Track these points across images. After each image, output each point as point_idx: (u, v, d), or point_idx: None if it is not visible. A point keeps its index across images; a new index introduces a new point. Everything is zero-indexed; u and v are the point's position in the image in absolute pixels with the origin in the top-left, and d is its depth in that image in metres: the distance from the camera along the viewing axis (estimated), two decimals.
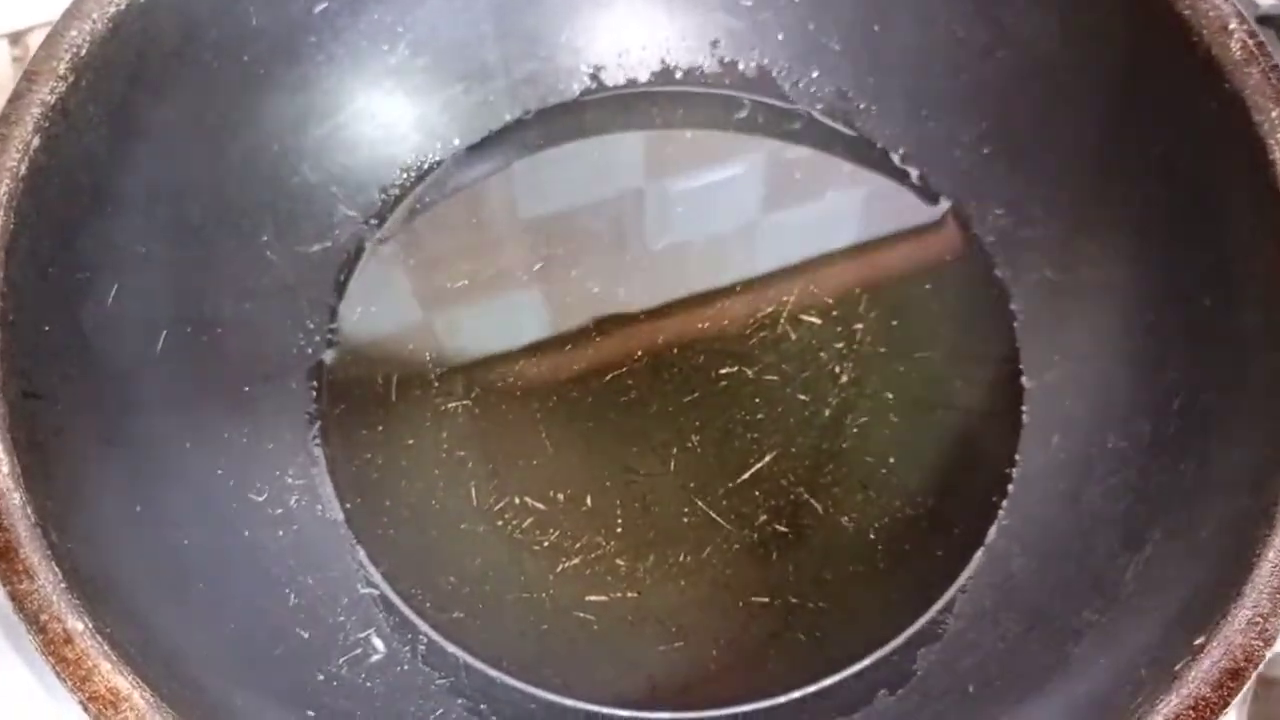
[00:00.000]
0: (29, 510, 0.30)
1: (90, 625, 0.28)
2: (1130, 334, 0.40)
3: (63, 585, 0.29)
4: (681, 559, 0.41)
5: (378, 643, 0.38)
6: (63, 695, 0.28)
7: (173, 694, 0.28)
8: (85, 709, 0.27)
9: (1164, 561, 0.34)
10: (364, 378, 0.44)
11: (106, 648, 0.28)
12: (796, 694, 0.38)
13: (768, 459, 0.42)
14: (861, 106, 0.48)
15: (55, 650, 0.28)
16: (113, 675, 0.28)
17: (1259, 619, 0.28)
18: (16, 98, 0.34)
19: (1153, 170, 0.39)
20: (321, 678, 0.36)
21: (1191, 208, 0.38)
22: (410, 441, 0.43)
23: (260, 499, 0.40)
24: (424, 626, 0.39)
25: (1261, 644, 0.28)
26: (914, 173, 0.47)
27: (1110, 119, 0.41)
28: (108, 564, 0.32)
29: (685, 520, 0.41)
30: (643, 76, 0.49)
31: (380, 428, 0.43)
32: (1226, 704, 0.28)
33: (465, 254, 0.47)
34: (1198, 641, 0.29)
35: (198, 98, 0.39)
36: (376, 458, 0.42)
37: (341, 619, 0.38)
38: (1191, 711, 0.28)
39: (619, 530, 0.41)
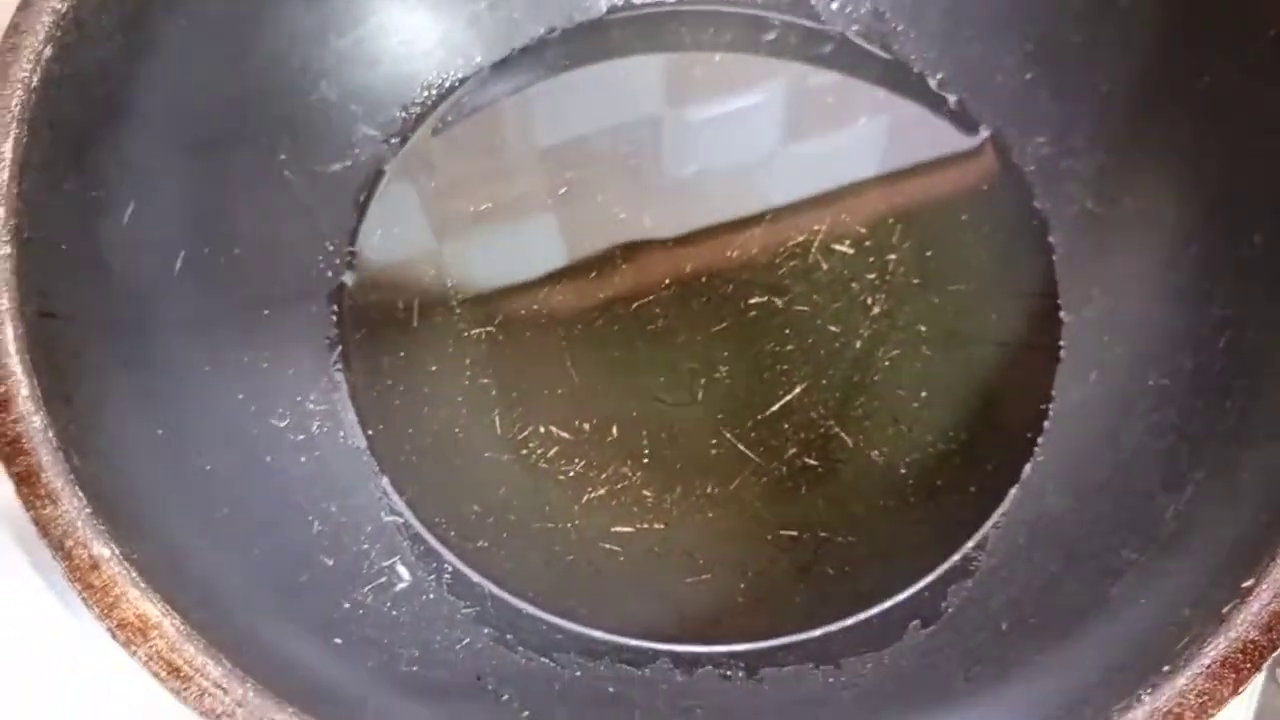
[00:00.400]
0: (50, 434, 0.29)
1: (117, 551, 0.28)
2: (1175, 268, 0.39)
3: (87, 510, 0.28)
4: (709, 491, 0.40)
5: (402, 571, 0.38)
6: (89, 622, 0.27)
7: (202, 621, 0.28)
8: (114, 636, 0.27)
9: (1207, 501, 0.33)
10: (385, 302, 0.43)
11: (134, 574, 0.28)
12: (825, 629, 0.38)
13: (797, 391, 0.41)
14: (898, 28, 0.46)
15: (82, 576, 0.27)
16: (141, 602, 0.27)
17: None
18: (26, 5, 0.33)
19: (1204, 100, 0.38)
20: (347, 605, 0.35)
21: (1243, 140, 0.37)
22: (433, 368, 0.42)
23: (282, 425, 0.39)
24: (448, 555, 0.39)
25: None
26: (952, 99, 0.45)
27: (1161, 44, 0.39)
28: (131, 489, 0.31)
29: (713, 452, 0.41)
30: None
31: (402, 354, 0.42)
32: (1276, 647, 0.27)
33: (487, 177, 0.45)
34: (1246, 584, 0.28)
35: (212, 8, 0.38)
36: (398, 384, 0.41)
37: (365, 547, 0.38)
38: (1240, 655, 0.27)
39: (645, 461, 0.41)
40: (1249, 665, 0.27)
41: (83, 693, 0.37)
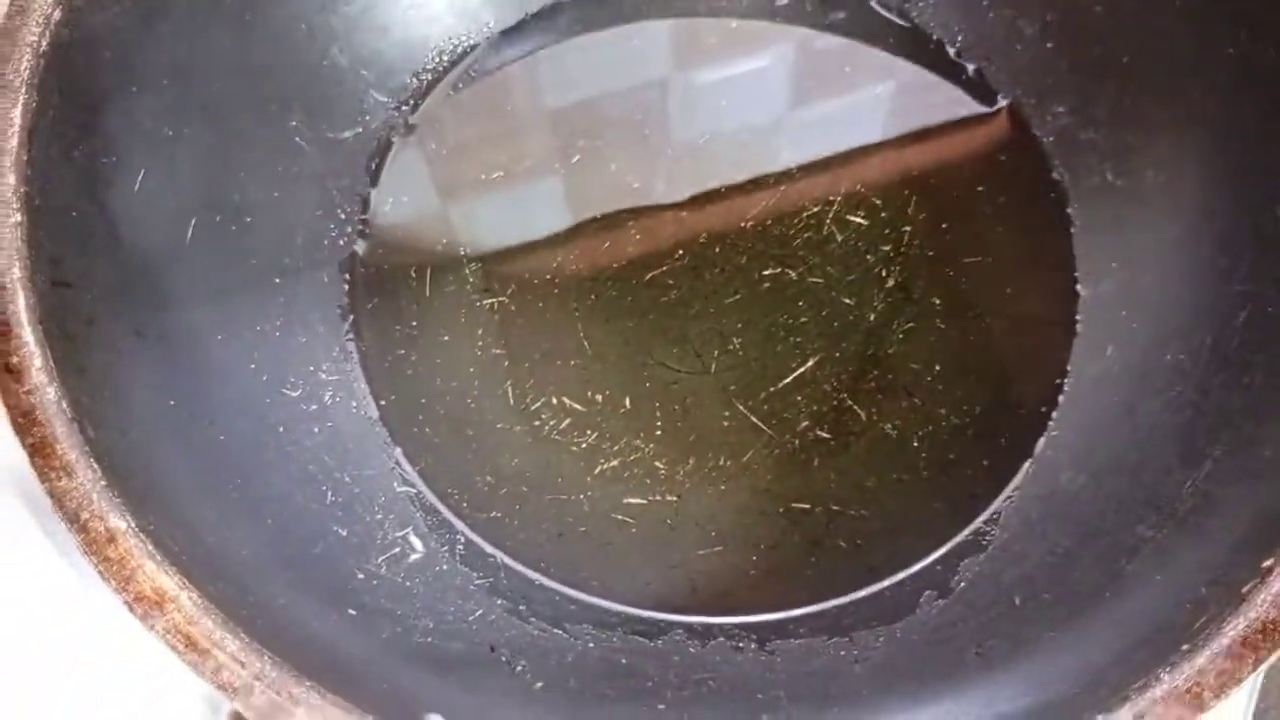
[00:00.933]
0: (64, 404, 0.29)
1: (133, 523, 0.28)
2: (1195, 243, 0.38)
3: (102, 482, 0.28)
4: (722, 463, 0.40)
5: (416, 542, 0.38)
6: (104, 592, 0.27)
7: (218, 594, 0.28)
8: (131, 610, 0.27)
9: (1224, 479, 0.33)
10: (397, 271, 0.42)
11: (150, 546, 0.28)
12: (837, 601, 0.38)
13: (811, 363, 0.41)
14: None
15: (98, 549, 0.27)
16: (158, 575, 0.27)
17: None
18: None
19: (1229, 72, 0.37)
20: (361, 576, 0.35)
21: (1268, 113, 0.36)
22: (445, 338, 0.42)
23: (295, 394, 0.39)
24: (461, 526, 0.39)
25: None
26: (970, 67, 0.45)
27: (1184, 15, 0.39)
28: (145, 460, 0.31)
29: (726, 424, 0.40)
30: None
31: (414, 323, 0.42)
32: None
33: (499, 144, 0.45)
34: (1266, 563, 0.28)
35: None
36: (410, 354, 0.41)
37: (379, 517, 0.38)
38: (1260, 635, 0.27)
39: (658, 433, 0.40)
40: (1269, 645, 0.27)
41: (96, 663, 0.37)
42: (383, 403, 0.41)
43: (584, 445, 0.40)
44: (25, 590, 0.37)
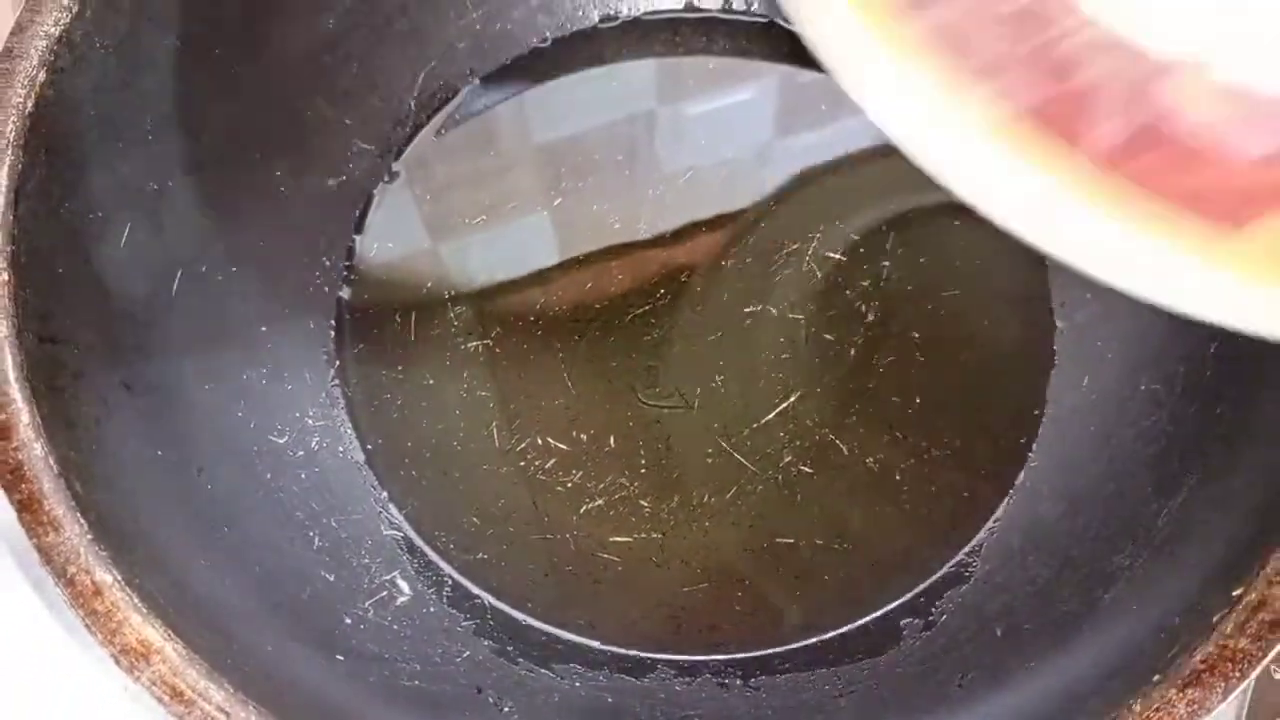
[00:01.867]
0: (51, 460, 0.29)
1: (119, 577, 0.28)
2: None
3: (89, 536, 0.29)
4: (706, 500, 0.40)
5: (403, 585, 0.38)
6: (90, 645, 0.28)
7: (204, 644, 0.28)
8: (117, 662, 0.27)
9: (1198, 507, 0.34)
10: (382, 317, 0.43)
11: (136, 599, 0.28)
12: (821, 637, 0.38)
13: (793, 399, 0.42)
14: None
15: (85, 603, 0.28)
16: (143, 627, 0.28)
17: None
18: (20, 30, 0.33)
19: None
20: (349, 621, 0.36)
21: None
22: (430, 381, 0.42)
23: (281, 441, 0.39)
24: (448, 568, 0.39)
25: None
26: None
27: None
28: (133, 512, 0.31)
29: (709, 460, 0.41)
30: (665, 3, 0.47)
31: (400, 367, 0.42)
32: (1265, 655, 0.27)
33: (481, 188, 0.46)
34: (1236, 592, 0.28)
35: (204, 28, 0.38)
36: (396, 398, 0.42)
37: (366, 561, 0.38)
38: (1229, 664, 0.27)
39: (642, 471, 0.41)
40: (1238, 674, 0.27)
41: (82, 716, 0.37)
42: (369, 447, 0.41)
43: (569, 485, 0.41)
44: (9, 641, 0.38)
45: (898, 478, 0.41)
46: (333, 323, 0.43)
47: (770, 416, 0.42)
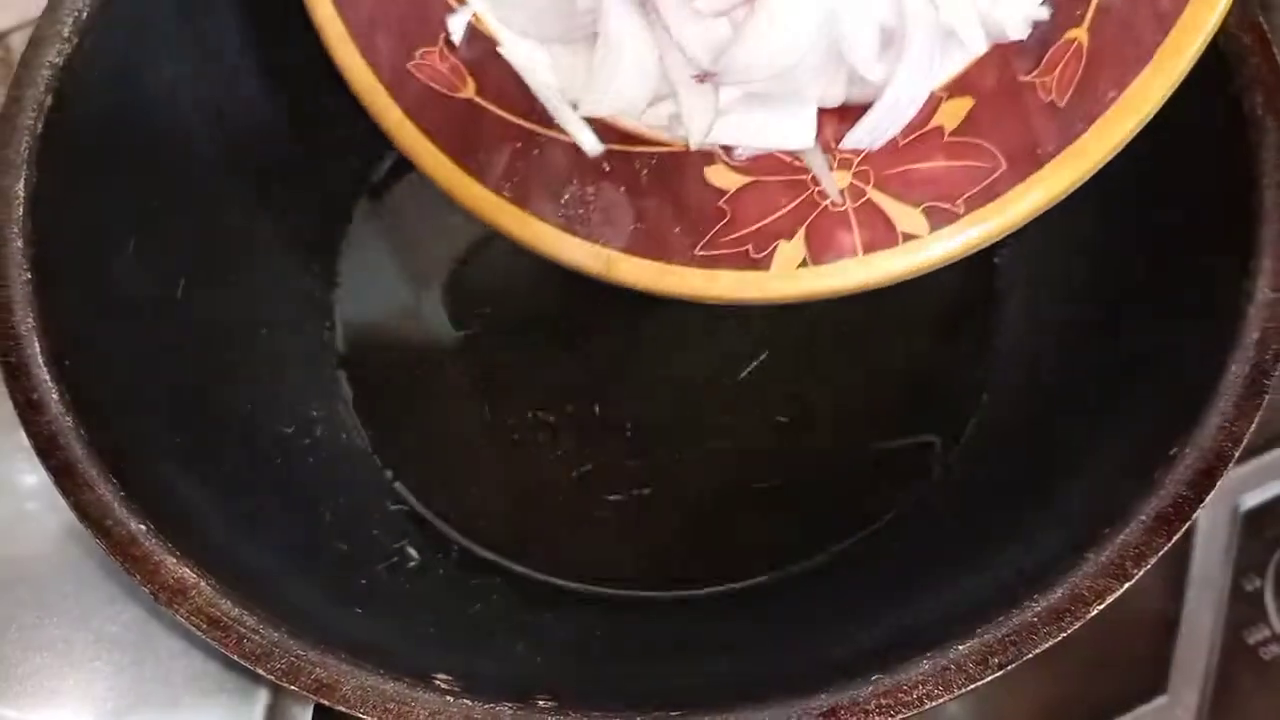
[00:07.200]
0: (81, 430, 0.32)
1: (151, 526, 0.31)
2: None
3: (121, 494, 0.31)
4: (689, 454, 0.43)
5: (412, 551, 0.41)
6: None
7: (235, 582, 0.30)
8: (156, 599, 0.30)
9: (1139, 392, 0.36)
10: (375, 315, 0.46)
11: (170, 545, 0.30)
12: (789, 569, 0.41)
13: (763, 357, 0.45)
14: None
15: (122, 549, 0.30)
16: (178, 568, 0.30)
17: (1226, 424, 0.31)
18: (25, 62, 0.36)
19: None
20: (365, 582, 0.38)
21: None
22: (424, 368, 0.45)
23: (289, 431, 0.42)
24: (455, 534, 0.42)
25: (1231, 445, 0.31)
26: None
27: None
28: (156, 480, 0.34)
29: (690, 418, 0.44)
30: None
31: (394, 355, 0.45)
32: (1202, 500, 0.30)
33: None
34: (1172, 453, 0.31)
35: (195, 56, 0.41)
36: (393, 386, 0.45)
37: (376, 533, 0.41)
38: (1171, 509, 0.30)
39: (628, 434, 0.44)
40: (1179, 519, 0.30)
41: None
42: (370, 432, 0.44)
43: (561, 452, 0.43)
44: None
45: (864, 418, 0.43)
46: (328, 323, 0.46)
47: (743, 375, 0.44)
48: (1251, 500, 0.46)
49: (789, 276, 0.35)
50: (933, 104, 0.35)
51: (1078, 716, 0.44)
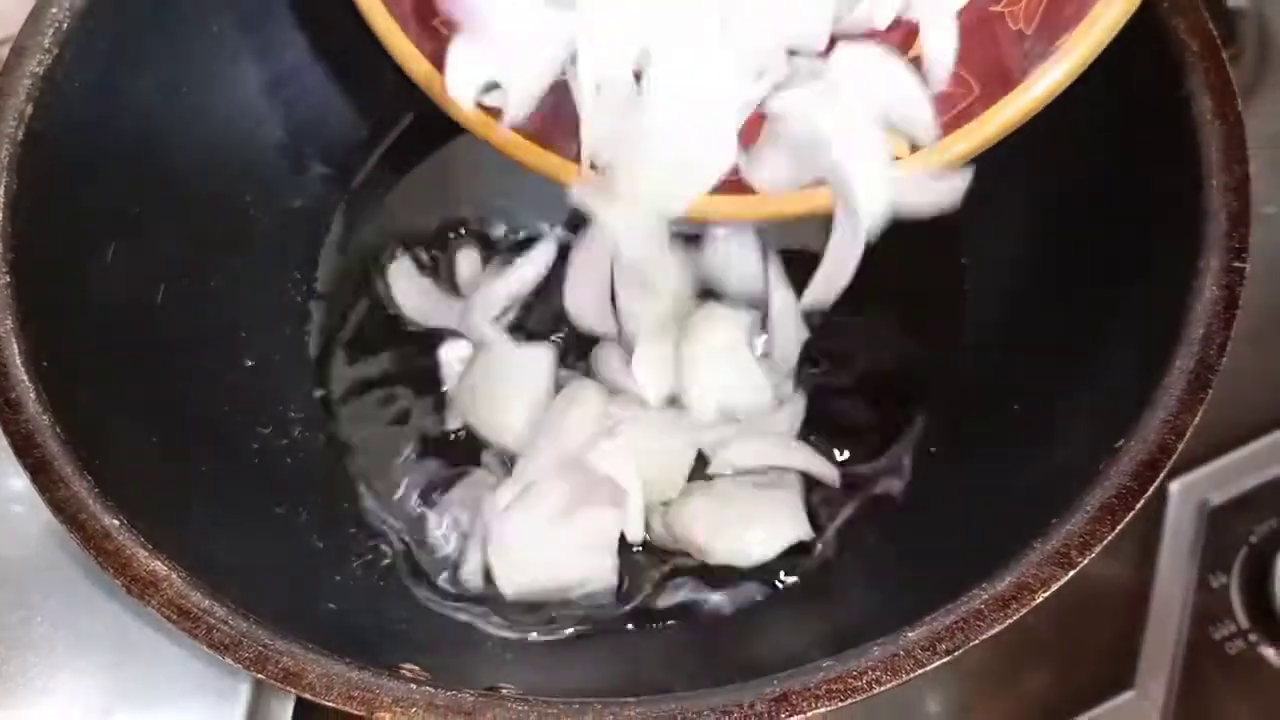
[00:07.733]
0: (57, 429, 0.33)
1: (124, 521, 0.31)
2: None
3: (96, 490, 0.32)
4: None
5: (386, 549, 0.41)
6: None
7: (208, 576, 0.31)
8: (128, 591, 0.30)
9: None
10: (351, 320, 0.47)
11: (142, 539, 0.31)
12: None
13: None
14: None
15: (95, 544, 0.31)
16: (150, 561, 0.31)
17: (1170, 417, 0.32)
18: (7, 71, 0.37)
19: None
20: (339, 578, 0.39)
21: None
22: (396, 372, 0.46)
23: (266, 431, 0.43)
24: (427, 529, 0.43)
25: (1175, 438, 0.32)
26: None
27: None
28: (130, 476, 0.34)
29: None
30: None
31: (368, 362, 0.46)
32: (1145, 491, 0.31)
33: (434, 206, 0.50)
34: (1118, 445, 0.32)
35: (173, 68, 0.42)
36: (367, 391, 0.46)
37: (352, 530, 0.41)
38: (1115, 499, 0.31)
39: None
40: (1124, 509, 0.31)
41: None
42: (346, 433, 0.45)
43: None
44: None
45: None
46: (306, 328, 0.46)
47: None
48: (1218, 498, 0.47)
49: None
50: (911, 35, 0.36)
51: (1048, 711, 0.44)
